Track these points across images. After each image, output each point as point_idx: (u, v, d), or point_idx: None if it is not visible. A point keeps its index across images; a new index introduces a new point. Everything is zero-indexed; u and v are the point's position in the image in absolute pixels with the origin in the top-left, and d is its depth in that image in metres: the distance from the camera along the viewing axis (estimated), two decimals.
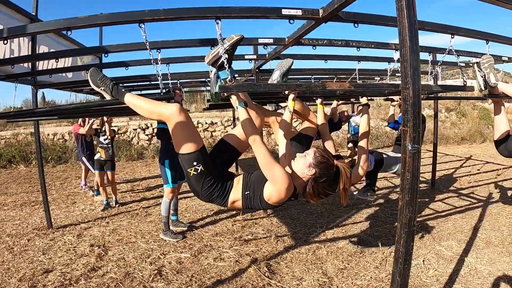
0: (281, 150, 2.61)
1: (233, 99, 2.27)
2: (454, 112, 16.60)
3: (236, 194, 2.36)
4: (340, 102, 5.54)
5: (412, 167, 1.66)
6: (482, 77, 3.53)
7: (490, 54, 4.49)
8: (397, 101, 4.66)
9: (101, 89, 2.32)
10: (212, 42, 3.21)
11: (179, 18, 2.33)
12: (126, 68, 4.24)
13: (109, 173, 6.54)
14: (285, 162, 2.52)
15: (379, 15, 2.65)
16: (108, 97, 2.34)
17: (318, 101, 3.43)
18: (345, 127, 8.43)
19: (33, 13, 4.48)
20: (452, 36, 3.16)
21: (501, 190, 6.83)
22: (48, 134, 12.27)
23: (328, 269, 3.73)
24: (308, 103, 4.98)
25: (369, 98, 3.86)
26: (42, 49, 4.93)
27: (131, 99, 2.31)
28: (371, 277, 3.52)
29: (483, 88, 3.52)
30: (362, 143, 3.38)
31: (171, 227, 4.89)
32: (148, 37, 2.37)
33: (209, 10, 2.29)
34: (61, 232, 5.09)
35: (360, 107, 3.71)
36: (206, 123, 13.80)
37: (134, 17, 2.28)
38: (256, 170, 2.39)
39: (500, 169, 8.84)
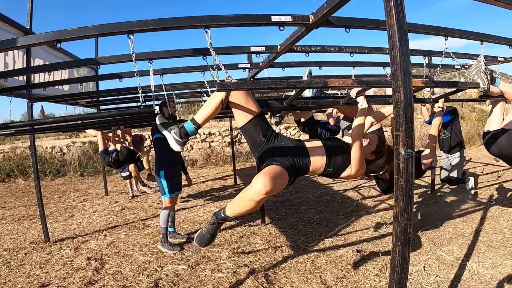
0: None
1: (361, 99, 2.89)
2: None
3: (318, 166, 2.72)
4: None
5: (406, 172, 1.63)
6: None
7: (485, 55, 4.47)
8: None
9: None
10: (204, 52, 3.19)
11: (168, 28, 2.30)
12: (120, 80, 4.20)
13: None
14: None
15: (370, 19, 2.62)
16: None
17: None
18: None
19: (28, 27, 4.47)
20: (446, 38, 3.13)
21: (502, 192, 6.78)
22: (47, 148, 12.24)
23: (327, 278, 3.66)
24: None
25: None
26: (38, 62, 4.91)
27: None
28: (371, 285, 3.46)
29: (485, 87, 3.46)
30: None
31: (169, 238, 4.82)
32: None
33: (198, 19, 2.26)
34: (58, 245, 5.04)
35: None
36: (204, 133, 13.62)
37: (123, 28, 2.25)
38: (340, 155, 2.76)
39: (500, 170, 8.80)
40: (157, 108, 2.70)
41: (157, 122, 2.61)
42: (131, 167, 7.69)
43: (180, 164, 5.12)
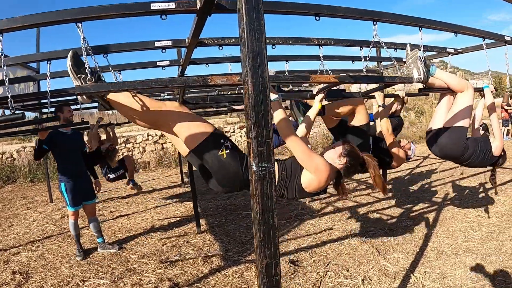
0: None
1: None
2: (413, 111, 16.59)
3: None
4: None
5: (261, 195, 1.21)
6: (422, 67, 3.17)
7: (433, 46, 4.23)
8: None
9: None
10: (105, 49, 2.88)
11: (37, 25, 2.00)
12: (34, 82, 3.86)
13: None
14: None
15: (270, 1, 2.22)
16: None
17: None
18: None
19: None
20: (375, 23, 2.78)
21: (457, 191, 6.61)
22: None
23: None
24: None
25: None
26: None
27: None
28: None
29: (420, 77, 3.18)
30: None
31: (98, 249, 4.67)
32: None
33: (67, 13, 1.95)
34: None
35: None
36: (156, 135, 13.01)
37: None
38: (289, 158, 2.42)
39: (458, 167, 8.64)
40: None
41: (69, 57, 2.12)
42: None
43: (85, 173, 4.83)
